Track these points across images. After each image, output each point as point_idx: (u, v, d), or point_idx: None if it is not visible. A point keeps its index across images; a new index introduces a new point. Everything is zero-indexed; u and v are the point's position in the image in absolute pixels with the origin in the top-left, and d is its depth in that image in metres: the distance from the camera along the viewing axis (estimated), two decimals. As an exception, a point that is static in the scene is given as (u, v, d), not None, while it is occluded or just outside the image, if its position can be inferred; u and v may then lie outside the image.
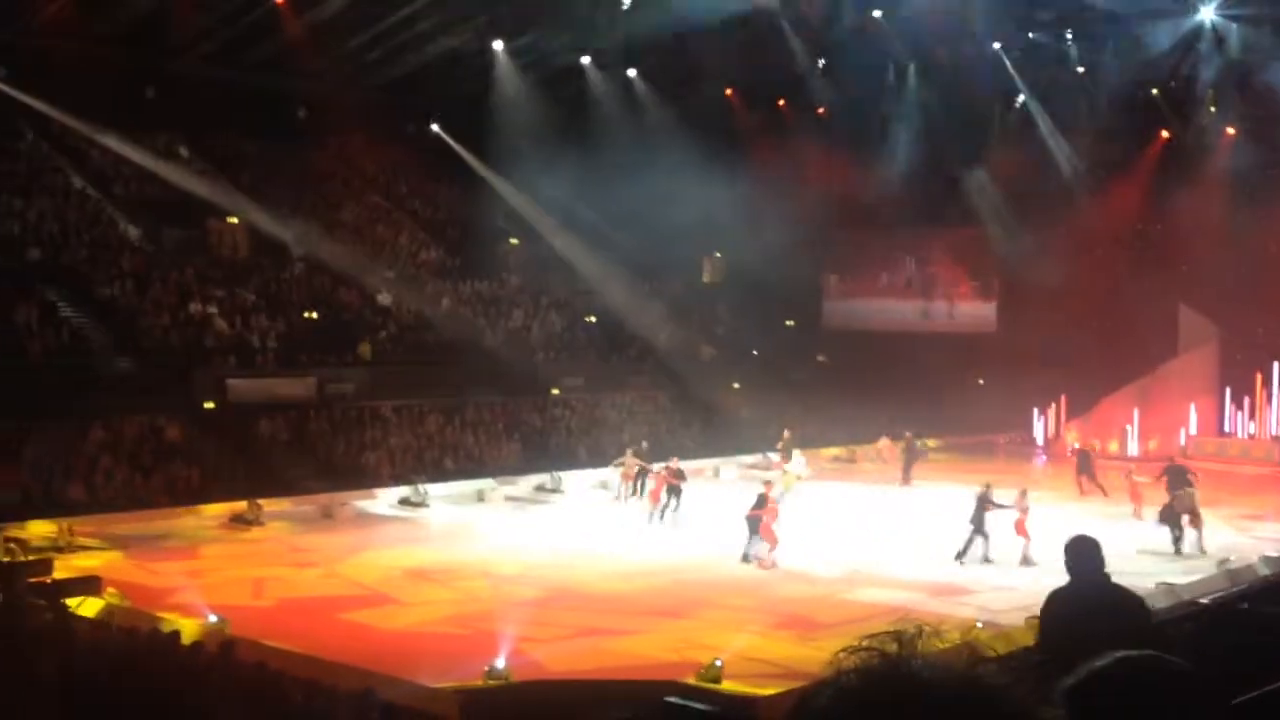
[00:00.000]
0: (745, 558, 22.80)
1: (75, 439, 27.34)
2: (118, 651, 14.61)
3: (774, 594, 20.69)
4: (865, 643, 1.49)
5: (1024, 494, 24.00)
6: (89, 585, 19.19)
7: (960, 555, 22.87)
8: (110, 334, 31.44)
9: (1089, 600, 4.93)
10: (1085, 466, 31.73)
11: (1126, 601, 4.92)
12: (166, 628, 16.12)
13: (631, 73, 43.71)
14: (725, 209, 41.37)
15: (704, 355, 43.10)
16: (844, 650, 1.48)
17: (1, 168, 35.10)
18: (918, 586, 21.18)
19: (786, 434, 34.50)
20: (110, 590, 19.09)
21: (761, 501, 23.31)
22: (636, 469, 30.40)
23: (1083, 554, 5.33)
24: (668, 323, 43.24)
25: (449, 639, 17.70)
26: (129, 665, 13.78)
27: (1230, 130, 42.48)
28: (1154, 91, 42.48)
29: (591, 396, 38.28)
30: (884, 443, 36.42)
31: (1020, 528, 23.04)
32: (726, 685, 14.92)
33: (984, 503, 23.32)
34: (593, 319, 42.75)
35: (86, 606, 18.13)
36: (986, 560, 22.82)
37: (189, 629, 16.27)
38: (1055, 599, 5.19)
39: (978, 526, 23.06)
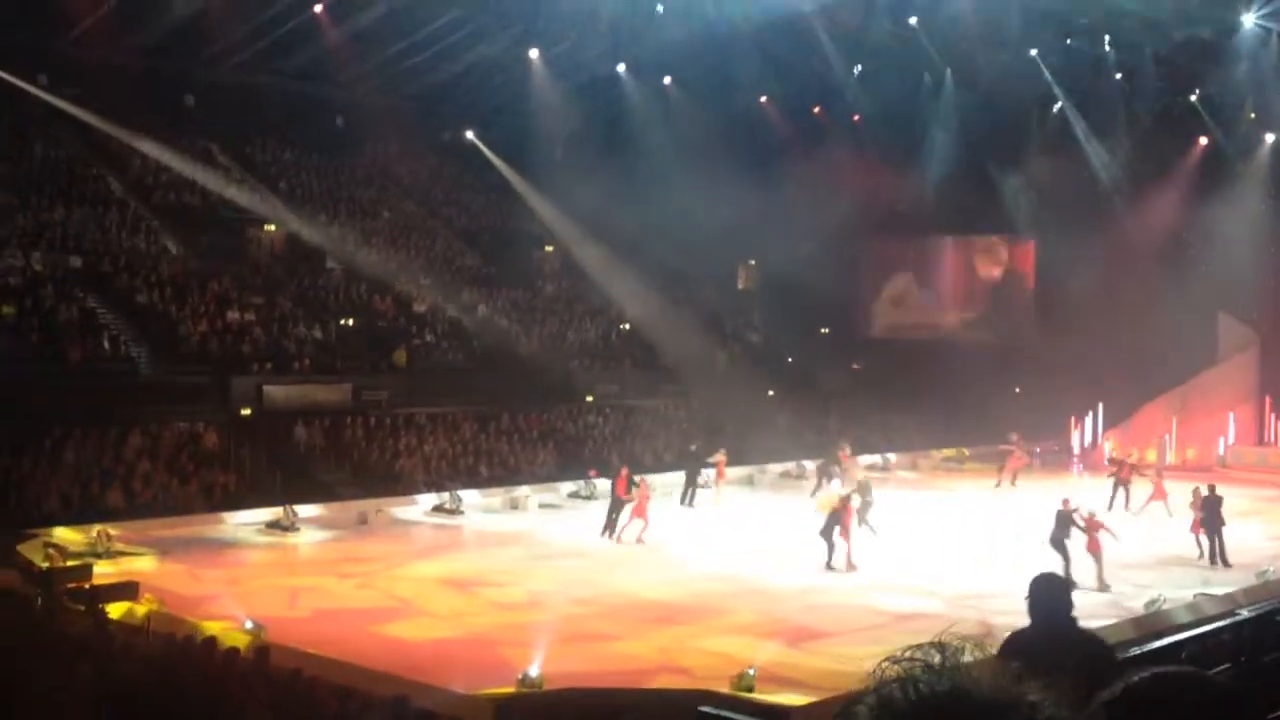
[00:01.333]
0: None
1: (114, 445, 27.57)
2: (154, 657, 14.70)
3: (801, 603, 20.56)
4: (908, 653, 1.47)
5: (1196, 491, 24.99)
6: (126, 591, 19.32)
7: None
8: (149, 341, 31.70)
9: (1053, 644, 4.47)
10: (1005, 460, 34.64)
11: (1091, 647, 4.62)
12: (202, 634, 16.21)
13: (666, 80, 43.75)
14: (760, 216, 41.33)
15: (719, 362, 42.73)
16: (887, 660, 1.46)
17: (42, 175, 35.50)
18: (941, 595, 20.99)
19: (721, 454, 32.40)
20: (147, 596, 19.20)
21: (1065, 521, 22.34)
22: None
23: (1048, 594, 4.80)
24: (698, 332, 43.06)
25: (482, 647, 17.70)
26: (165, 671, 13.86)
27: (1270, 136, 42.08)
28: (1193, 98, 42.12)
29: (626, 403, 38.27)
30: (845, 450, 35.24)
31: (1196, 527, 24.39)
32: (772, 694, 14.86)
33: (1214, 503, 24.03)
34: (627, 326, 42.77)
35: (124, 612, 18.25)
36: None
37: (225, 635, 16.33)
38: (1015, 641, 4.73)
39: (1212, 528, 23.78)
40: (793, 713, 13.71)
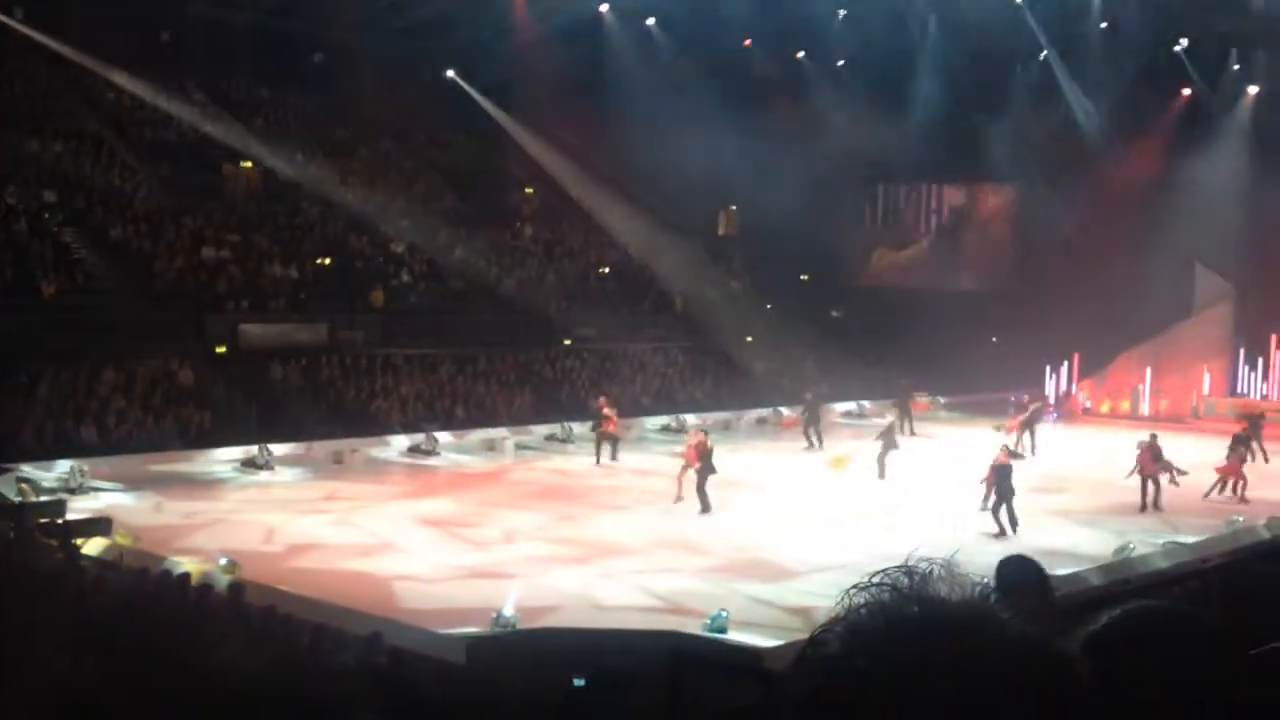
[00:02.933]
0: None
1: (88, 380, 27.44)
2: (127, 592, 14.69)
3: (777, 545, 20.65)
4: (876, 578, 1.44)
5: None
6: (99, 526, 19.32)
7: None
8: (124, 277, 31.48)
9: None
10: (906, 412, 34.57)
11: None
12: (176, 569, 16.22)
13: (650, 22, 43.36)
14: (742, 161, 41.14)
15: (699, 308, 42.30)
16: (854, 587, 1.44)
17: (17, 108, 35.04)
18: (918, 538, 21.10)
19: (603, 401, 30.27)
20: (120, 531, 19.21)
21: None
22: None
23: (1021, 582, 3.99)
24: (678, 277, 42.92)
25: (456, 586, 17.79)
26: (138, 606, 13.86)
27: (1253, 89, 42.04)
28: (1177, 49, 41.99)
29: (605, 347, 38.25)
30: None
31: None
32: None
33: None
34: (606, 270, 42.66)
35: (97, 547, 18.25)
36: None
37: (198, 571, 16.34)
38: None
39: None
40: (766, 654, 13.80)
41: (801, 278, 48.08)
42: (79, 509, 21.02)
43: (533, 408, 34.11)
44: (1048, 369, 42.62)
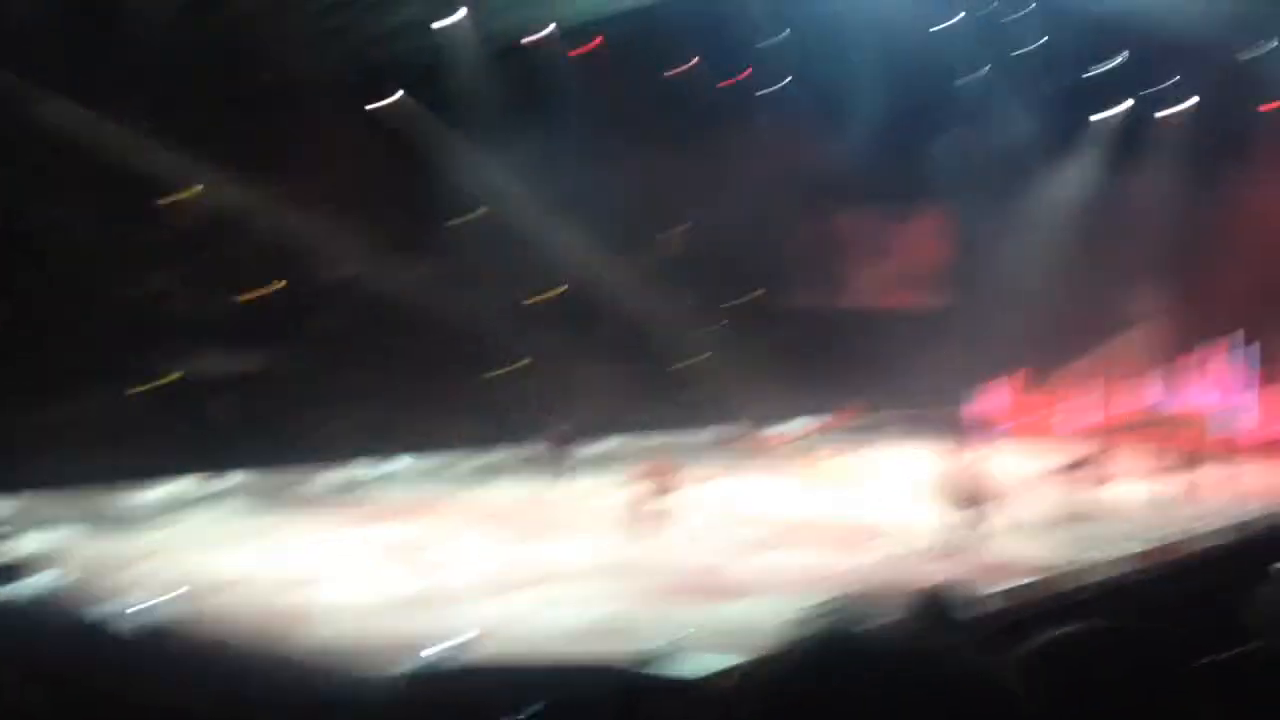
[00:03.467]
0: None
1: (23, 415, 27.02)
2: (65, 630, 14.43)
3: (726, 565, 20.66)
4: (812, 613, 1.45)
5: None
6: (35, 563, 19.02)
7: None
8: (60, 307, 31.09)
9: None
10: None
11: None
12: (114, 606, 15.96)
13: (596, 42, 43.47)
14: (684, 184, 41.37)
15: (645, 330, 42.61)
16: (792, 619, 1.45)
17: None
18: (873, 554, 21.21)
19: (556, 428, 30.56)
20: (55, 571, 18.90)
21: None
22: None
23: (939, 610, 4.09)
24: (622, 299, 43.06)
25: (400, 617, 17.64)
26: (76, 644, 13.61)
27: (1187, 104, 42.78)
28: (1113, 65, 42.68)
29: (552, 369, 38.23)
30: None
31: None
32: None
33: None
34: (554, 291, 42.66)
35: (32, 585, 17.95)
36: None
37: (136, 608, 16.07)
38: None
39: None
40: (717, 678, 13.73)
41: (748, 297, 48.35)
42: (15, 547, 20.64)
43: (479, 433, 33.99)
44: (986, 385, 43.15)
